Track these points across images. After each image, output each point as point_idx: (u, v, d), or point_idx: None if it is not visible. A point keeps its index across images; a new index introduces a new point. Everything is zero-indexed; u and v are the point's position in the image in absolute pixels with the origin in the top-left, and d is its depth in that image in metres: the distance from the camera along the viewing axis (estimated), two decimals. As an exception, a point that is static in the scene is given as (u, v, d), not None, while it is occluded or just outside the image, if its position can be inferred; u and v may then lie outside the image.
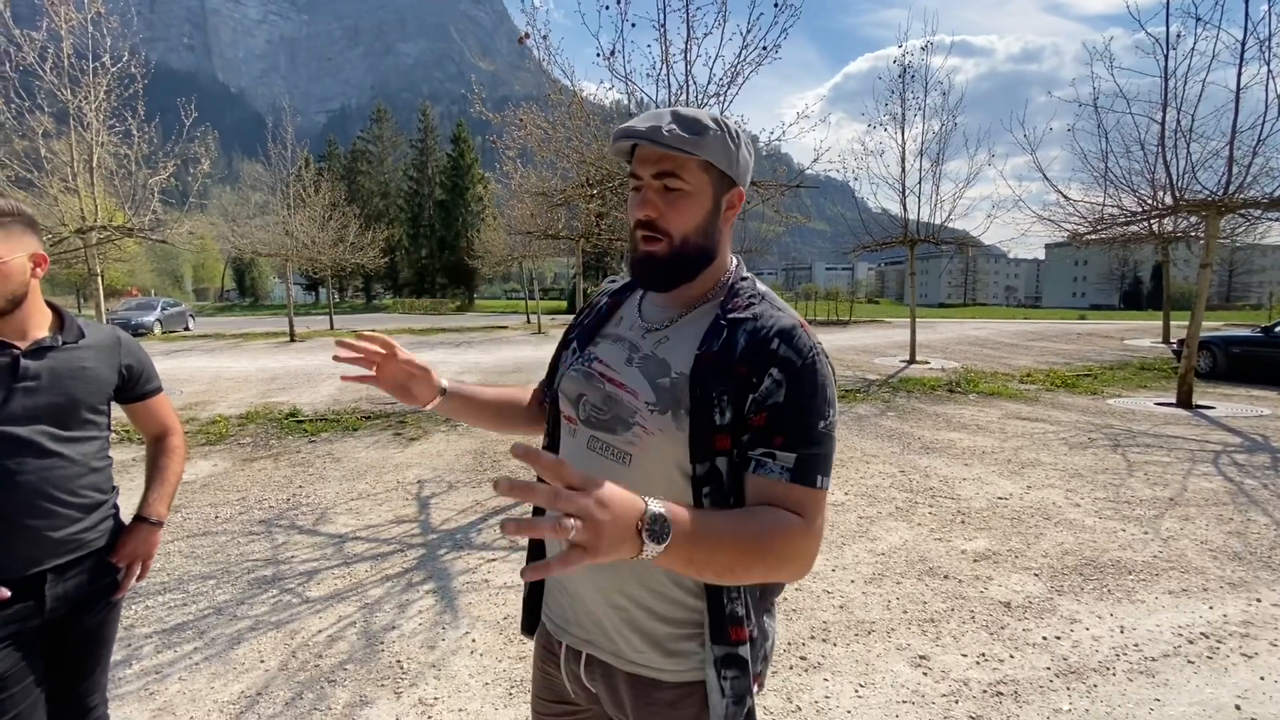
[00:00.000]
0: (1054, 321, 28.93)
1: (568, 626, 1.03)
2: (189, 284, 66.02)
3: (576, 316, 1.17)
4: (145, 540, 1.58)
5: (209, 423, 7.23)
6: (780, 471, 0.83)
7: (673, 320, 0.99)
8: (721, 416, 0.86)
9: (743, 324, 0.91)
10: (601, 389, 0.97)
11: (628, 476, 0.91)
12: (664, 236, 0.92)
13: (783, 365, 0.86)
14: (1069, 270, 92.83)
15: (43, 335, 1.45)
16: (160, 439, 1.70)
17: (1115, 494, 4.68)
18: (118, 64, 8.41)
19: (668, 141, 0.87)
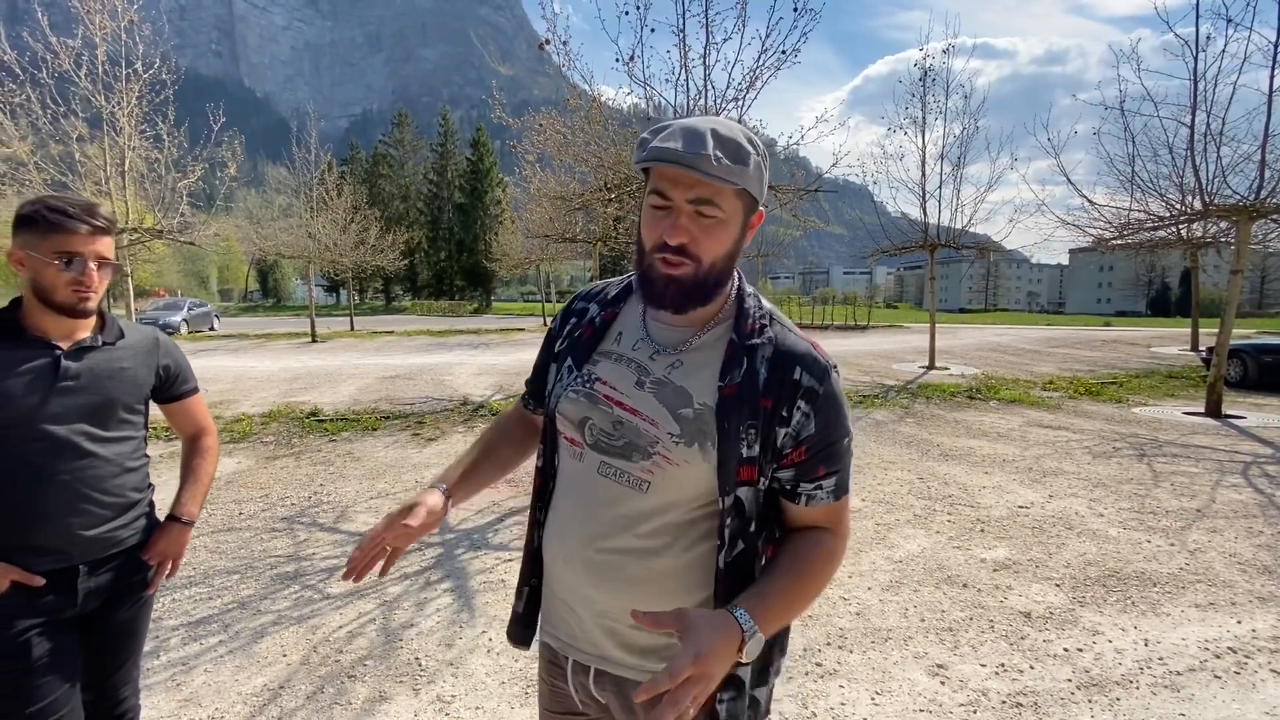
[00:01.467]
0: (1078, 328, 28.42)
1: (575, 642, 1.02)
2: (214, 285, 67.33)
3: (560, 325, 1.09)
4: (176, 539, 1.61)
5: (233, 421, 7.37)
6: (828, 495, 0.92)
7: (685, 343, 0.96)
8: (749, 449, 0.88)
9: (760, 350, 0.92)
10: (610, 413, 0.94)
11: (644, 503, 0.92)
12: (693, 261, 0.89)
13: (808, 397, 0.90)
14: (1094, 276, 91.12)
15: (84, 336, 1.49)
16: (195, 439, 1.74)
17: (1140, 504, 4.60)
18: (149, 70, 8.64)
19: (716, 173, 0.83)
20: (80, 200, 1.45)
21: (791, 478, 0.91)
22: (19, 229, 1.41)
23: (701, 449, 0.88)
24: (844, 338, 20.51)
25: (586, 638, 1.00)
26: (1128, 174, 8.87)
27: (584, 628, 1.00)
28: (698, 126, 0.85)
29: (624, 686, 0.98)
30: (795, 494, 0.92)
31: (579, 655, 1.01)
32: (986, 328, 27.40)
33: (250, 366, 12.84)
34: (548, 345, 1.11)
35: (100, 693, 1.58)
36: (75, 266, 1.40)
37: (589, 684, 1.01)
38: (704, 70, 5.79)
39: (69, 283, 1.40)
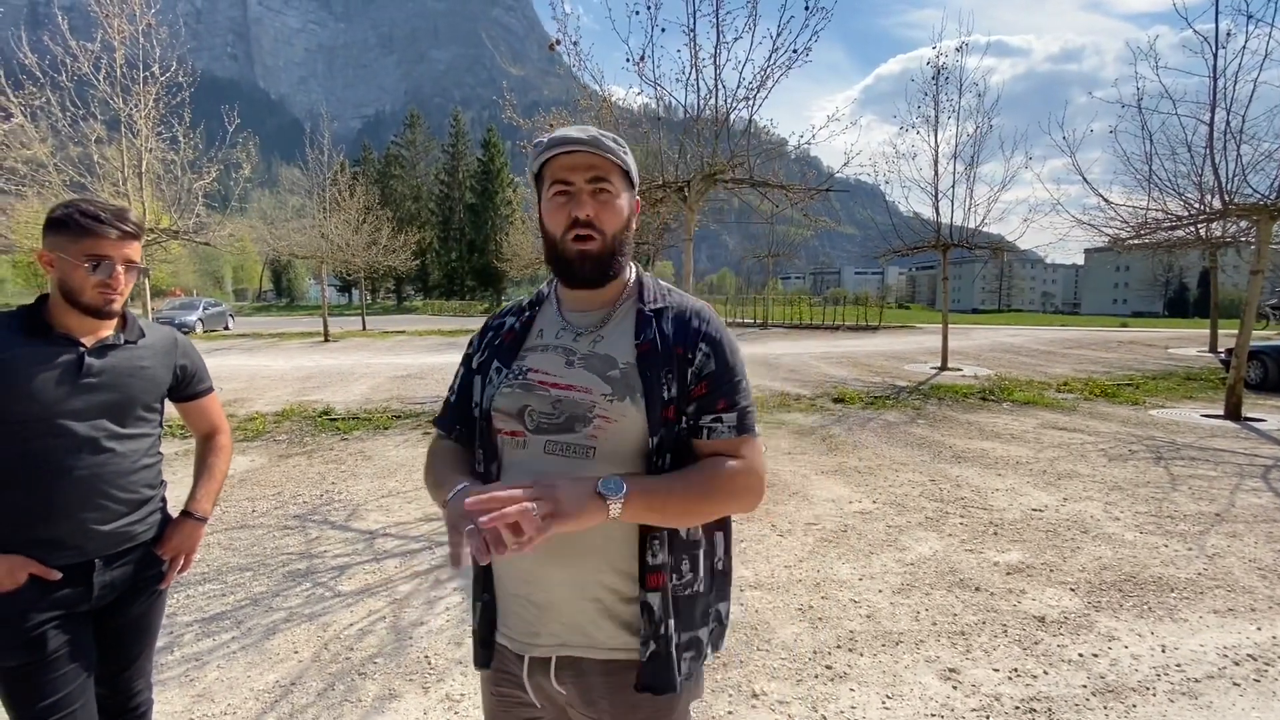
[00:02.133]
0: (1093, 329, 28.06)
1: (535, 639, 1.05)
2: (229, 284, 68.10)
3: (478, 342, 1.17)
4: (190, 535, 1.64)
5: (247, 419, 7.44)
6: (729, 430, 1.02)
7: (599, 322, 1.09)
8: (669, 391, 1.01)
9: (664, 313, 1.07)
10: (547, 395, 1.03)
11: (591, 468, 0.99)
12: (599, 235, 1.03)
13: (707, 340, 1.05)
14: (1110, 276, 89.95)
15: (107, 334, 1.52)
16: (209, 437, 1.77)
17: (1158, 508, 4.53)
18: (166, 73, 8.75)
19: (609, 151, 1.00)
20: (111, 205, 1.48)
21: (694, 411, 1.02)
22: (50, 231, 1.44)
23: (633, 400, 1.00)
24: (855, 338, 20.39)
25: (548, 629, 1.03)
26: (1145, 173, 8.75)
27: (545, 619, 1.03)
28: (587, 127, 1.03)
29: (585, 673, 1.03)
30: (698, 428, 1.02)
31: (539, 651, 1.04)
32: (1000, 328, 27.12)
33: (264, 365, 12.97)
34: (466, 365, 1.18)
35: (114, 686, 1.60)
36: (104, 270, 1.44)
37: (549, 679, 1.04)
38: (714, 70, 5.78)
39: (97, 285, 1.43)
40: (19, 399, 1.38)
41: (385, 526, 4.19)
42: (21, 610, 1.38)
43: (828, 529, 4.14)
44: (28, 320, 1.45)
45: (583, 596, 1.01)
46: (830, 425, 7.37)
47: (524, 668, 1.06)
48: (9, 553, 1.39)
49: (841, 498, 4.79)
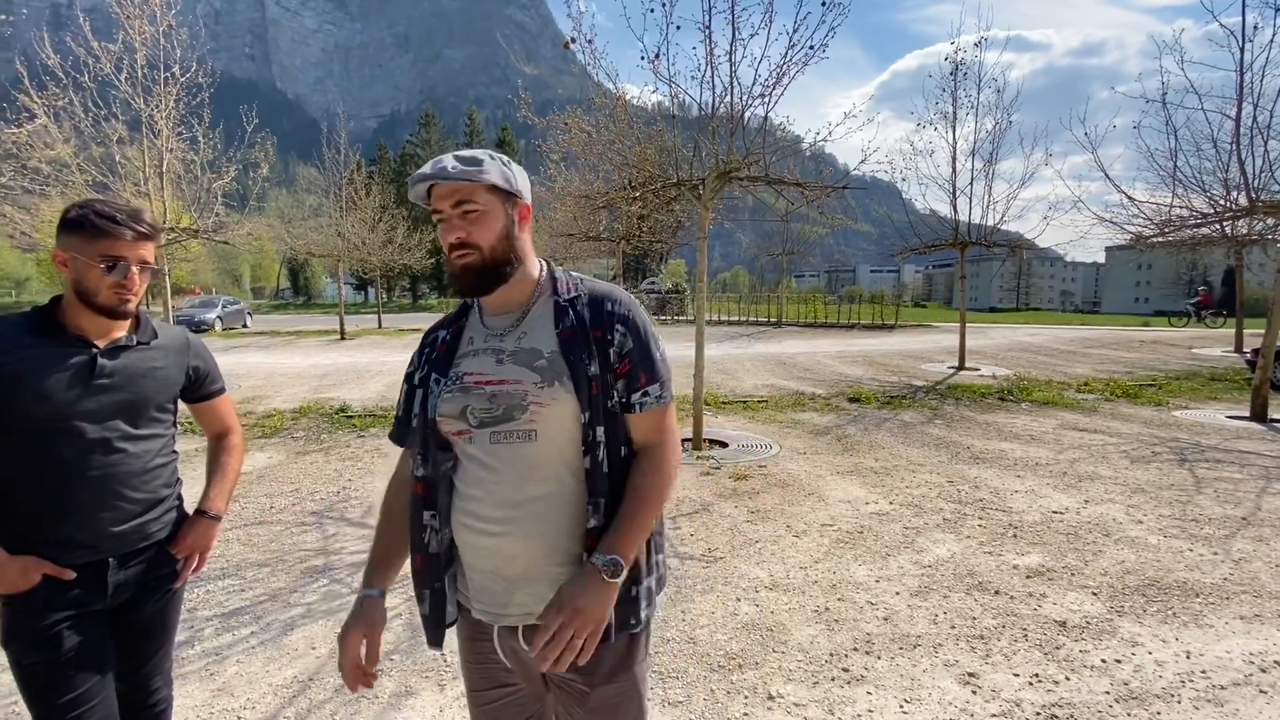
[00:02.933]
0: (1114, 328, 27.60)
1: (505, 609, 1.16)
2: (247, 283, 69.05)
3: (418, 358, 1.28)
4: (204, 533, 1.65)
5: (265, 416, 7.53)
6: (655, 400, 1.17)
7: (519, 320, 1.20)
8: (591, 368, 1.12)
9: (578, 300, 1.19)
10: (483, 392, 1.14)
11: (535, 451, 1.12)
12: (474, 249, 1.13)
13: (623, 321, 1.16)
14: (1132, 274, 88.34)
15: (120, 335, 1.52)
16: (221, 436, 1.78)
17: (1182, 511, 4.44)
18: (186, 74, 8.86)
19: (455, 175, 1.10)
20: (126, 206, 1.48)
21: (623, 388, 1.15)
22: (65, 231, 1.43)
23: (561, 384, 1.11)
24: (871, 337, 20.22)
25: (515, 600, 1.14)
26: (1169, 169, 8.55)
27: (514, 591, 1.14)
28: (441, 156, 1.14)
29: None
30: (630, 404, 1.16)
31: (508, 620, 1.16)
32: (1018, 327, 26.75)
33: (281, 363, 13.12)
34: (409, 382, 1.28)
35: (133, 683, 1.62)
36: (119, 271, 1.44)
37: (518, 643, 1.17)
38: (730, 67, 5.74)
39: (112, 286, 1.43)
40: (32, 400, 1.39)
41: (401, 523, 4.22)
42: (38, 609, 1.40)
43: (844, 530, 4.11)
44: (41, 321, 1.45)
45: (548, 564, 1.12)
46: (846, 425, 7.31)
47: (494, 634, 1.18)
48: (24, 552, 1.39)
49: (858, 498, 4.74)
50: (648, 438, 1.18)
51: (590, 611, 1.04)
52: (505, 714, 1.25)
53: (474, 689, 1.27)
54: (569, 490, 1.13)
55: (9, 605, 1.41)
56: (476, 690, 1.27)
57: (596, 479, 1.11)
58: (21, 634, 1.41)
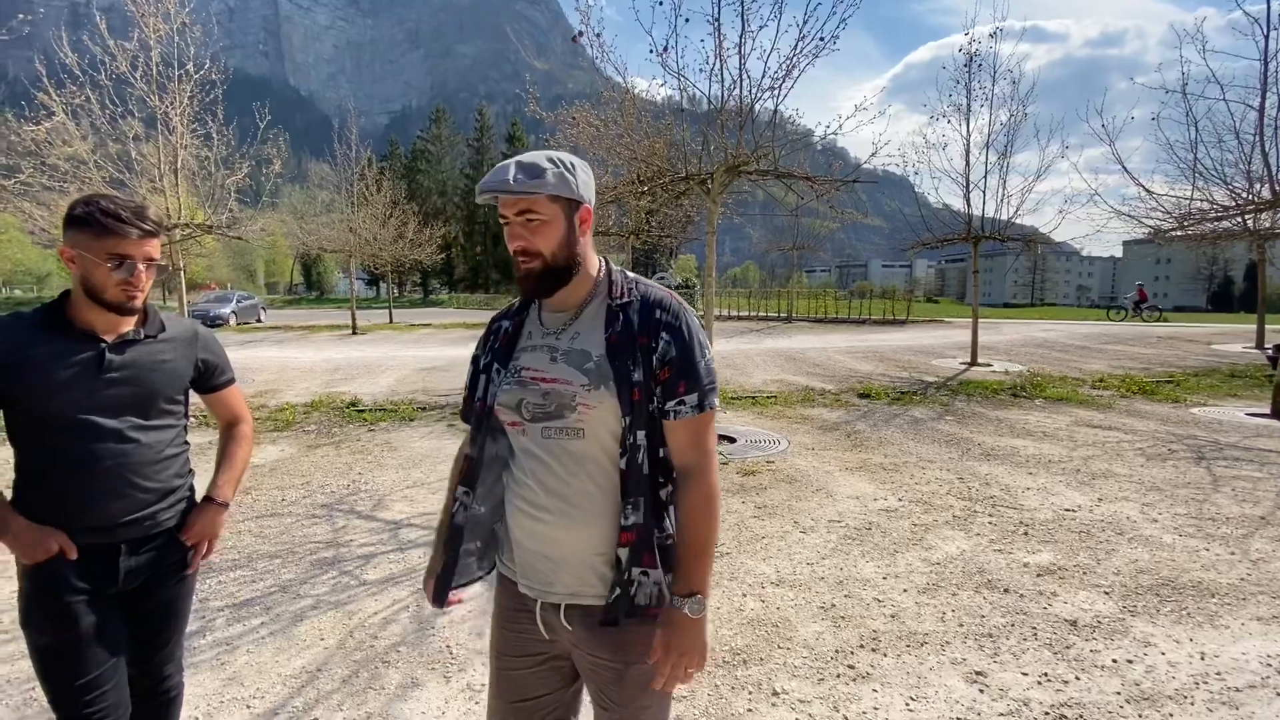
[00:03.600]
0: (1131, 323, 27.20)
1: (550, 588, 1.23)
2: (261, 278, 69.75)
3: (482, 345, 1.35)
4: (212, 520, 1.67)
5: (277, 410, 7.61)
6: (690, 410, 1.19)
7: (572, 319, 1.25)
8: (635, 375, 1.16)
9: (630, 306, 1.22)
10: (538, 388, 1.21)
11: (583, 446, 1.19)
12: (536, 257, 1.18)
13: (667, 328, 1.19)
14: (1150, 269, 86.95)
15: (127, 329, 1.54)
16: (231, 426, 1.80)
17: (1198, 510, 4.37)
18: (200, 71, 8.94)
19: (515, 189, 1.13)
20: (131, 203, 1.48)
21: (661, 395, 1.19)
22: (71, 227, 1.45)
23: (606, 388, 1.16)
24: (882, 332, 20.06)
25: (560, 580, 1.22)
26: (1189, 161, 8.43)
27: (559, 572, 1.22)
28: (506, 163, 1.16)
29: (589, 613, 1.21)
30: (665, 411, 1.19)
31: (551, 597, 1.23)
32: (1033, 323, 26.44)
33: (294, 357, 13.25)
34: (475, 364, 1.35)
35: (146, 670, 1.64)
36: (126, 269, 1.45)
37: (558, 618, 1.23)
38: (739, 60, 5.70)
39: (119, 283, 1.45)
40: (43, 395, 1.42)
41: (410, 516, 4.25)
42: (52, 590, 1.44)
43: (851, 526, 4.08)
44: (50, 317, 1.47)
45: (590, 552, 1.20)
46: (855, 421, 7.27)
47: (537, 607, 1.25)
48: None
49: (866, 495, 4.72)
50: (686, 455, 1.20)
51: (693, 650, 1.18)
52: (529, 683, 1.30)
53: (503, 654, 1.32)
54: (613, 485, 1.18)
55: (28, 581, 1.46)
56: (505, 656, 1.32)
57: (632, 481, 1.16)
58: (38, 616, 1.45)
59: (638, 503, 1.16)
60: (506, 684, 1.32)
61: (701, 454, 1.21)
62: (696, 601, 1.17)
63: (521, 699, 1.31)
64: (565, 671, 1.31)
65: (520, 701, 1.31)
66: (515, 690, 1.31)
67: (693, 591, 1.17)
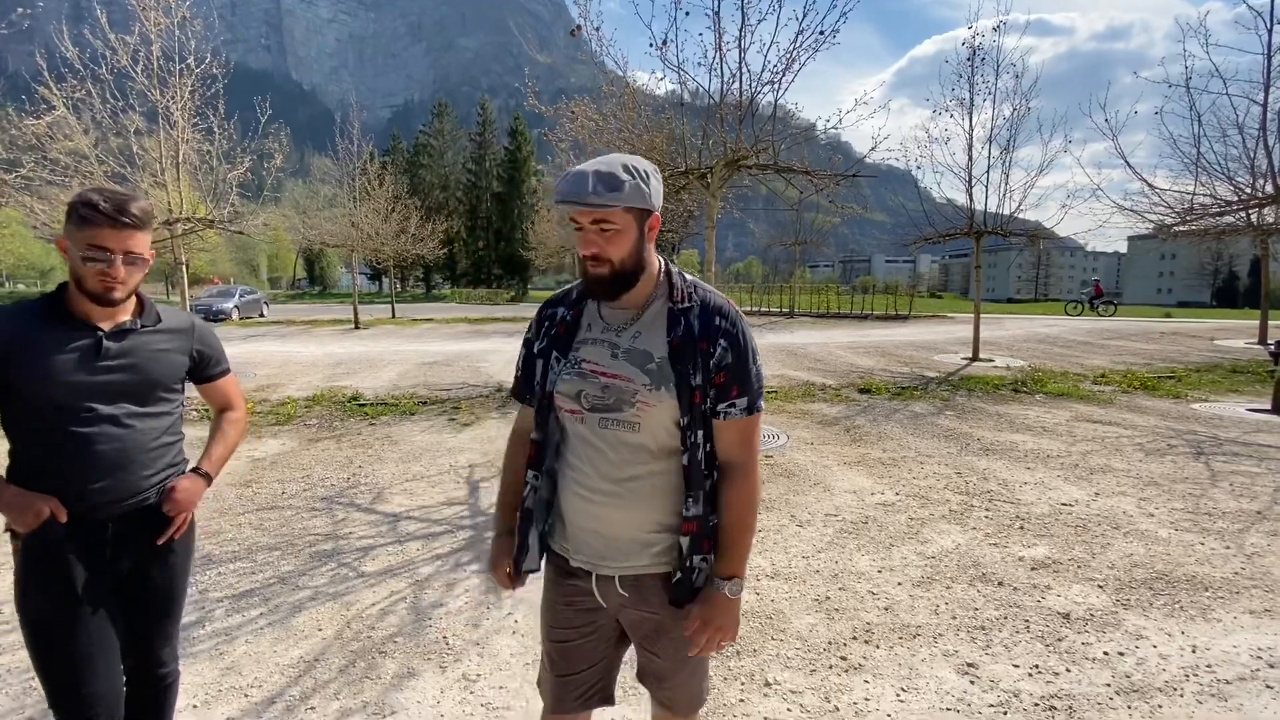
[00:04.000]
0: (1135, 319, 27.12)
1: (603, 560, 1.34)
2: (264, 273, 69.85)
3: (536, 330, 1.41)
4: (192, 488, 1.66)
5: (279, 404, 7.65)
6: (740, 412, 1.28)
7: (634, 319, 1.31)
8: (695, 379, 1.25)
9: (691, 310, 1.29)
10: (598, 381, 1.28)
11: (637, 438, 1.27)
12: (606, 263, 1.24)
13: (725, 335, 1.27)
14: (1154, 264, 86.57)
15: (124, 319, 1.57)
16: (224, 411, 1.84)
17: (1195, 505, 4.37)
18: (201, 65, 8.93)
19: (594, 201, 1.17)
20: (117, 196, 1.49)
21: (715, 396, 1.27)
22: (67, 218, 1.49)
23: (666, 389, 1.25)
24: (884, 328, 20.04)
25: (612, 554, 1.32)
26: (1193, 156, 8.38)
27: (610, 547, 1.32)
28: (584, 169, 1.20)
29: (642, 581, 1.33)
30: (717, 412, 1.28)
31: (606, 570, 1.34)
32: (1035, 318, 26.38)
33: (296, 351, 13.29)
34: (528, 348, 1.43)
35: (141, 657, 1.68)
36: (102, 260, 1.46)
37: (614, 587, 1.34)
38: (739, 53, 5.68)
39: (96, 274, 1.47)
40: (41, 381, 1.46)
41: (409, 510, 4.28)
42: (45, 567, 1.49)
43: (848, 520, 4.10)
44: (49, 306, 1.52)
45: (639, 531, 1.30)
46: (855, 416, 7.27)
47: (593, 580, 1.35)
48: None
49: (863, 489, 4.73)
50: (733, 453, 1.30)
51: (727, 625, 1.31)
52: (579, 656, 1.42)
53: (556, 626, 1.43)
54: (661, 474, 1.29)
55: (22, 560, 1.50)
56: (558, 628, 1.42)
57: (694, 476, 1.26)
58: (33, 592, 1.50)
59: (699, 496, 1.27)
60: (558, 657, 1.43)
61: (748, 452, 1.31)
62: (735, 584, 1.30)
63: (569, 672, 1.43)
64: (613, 639, 1.44)
65: (567, 675, 1.43)
66: (565, 664, 1.43)
67: (733, 575, 1.30)
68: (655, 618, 1.36)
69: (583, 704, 1.45)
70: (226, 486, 4.72)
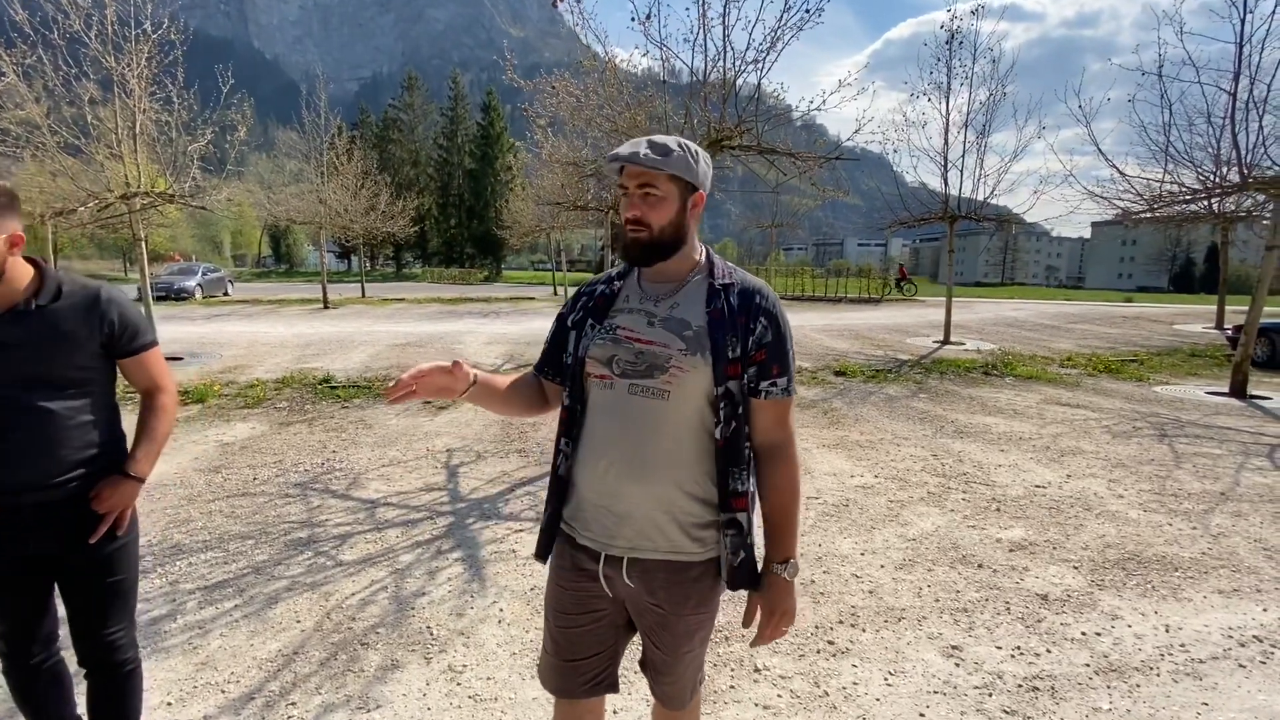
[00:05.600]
0: (1097, 303, 27.90)
1: (612, 540, 1.30)
2: (228, 250, 67.51)
3: (572, 305, 1.41)
4: (124, 492, 1.61)
5: (247, 386, 7.41)
6: (781, 392, 1.29)
7: (674, 291, 1.32)
8: (733, 352, 1.25)
9: (731, 288, 1.30)
10: (632, 347, 1.28)
11: (666, 410, 1.25)
12: (645, 228, 1.26)
13: (766, 315, 1.28)
14: (1116, 250, 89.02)
15: (18, 300, 1.49)
16: (149, 395, 1.72)
17: (1161, 486, 4.51)
18: (158, 30, 8.47)
19: (644, 163, 1.22)
20: None
21: (755, 374, 1.27)
22: None
23: (702, 356, 1.24)
24: (857, 311, 20.26)
25: (623, 533, 1.28)
26: (1162, 144, 8.54)
27: (621, 526, 1.28)
28: (639, 139, 1.26)
29: (650, 570, 1.29)
30: (757, 390, 1.28)
31: (615, 550, 1.30)
32: (1003, 302, 26.95)
33: (264, 332, 12.90)
34: (560, 323, 1.43)
35: (94, 643, 1.65)
36: None
37: (621, 573, 1.30)
38: (723, 30, 5.57)
39: None
40: None
41: (386, 495, 4.18)
42: None
43: (829, 503, 4.13)
44: None
45: (655, 509, 1.26)
46: (831, 398, 7.34)
47: (600, 562, 1.32)
48: None
49: (843, 471, 4.77)
50: (772, 434, 1.30)
51: (789, 609, 1.31)
52: (583, 641, 1.39)
53: (562, 611, 1.39)
54: (686, 450, 1.26)
55: None
56: (563, 614, 1.39)
57: (735, 450, 1.26)
58: None
59: (743, 472, 1.27)
60: (563, 641, 1.40)
61: (786, 433, 1.31)
62: (792, 566, 1.30)
63: (574, 657, 1.40)
64: (619, 625, 1.41)
65: (573, 660, 1.40)
66: (570, 649, 1.40)
67: (787, 558, 1.30)
68: (660, 611, 1.32)
69: (589, 690, 1.42)
70: (194, 472, 4.56)
